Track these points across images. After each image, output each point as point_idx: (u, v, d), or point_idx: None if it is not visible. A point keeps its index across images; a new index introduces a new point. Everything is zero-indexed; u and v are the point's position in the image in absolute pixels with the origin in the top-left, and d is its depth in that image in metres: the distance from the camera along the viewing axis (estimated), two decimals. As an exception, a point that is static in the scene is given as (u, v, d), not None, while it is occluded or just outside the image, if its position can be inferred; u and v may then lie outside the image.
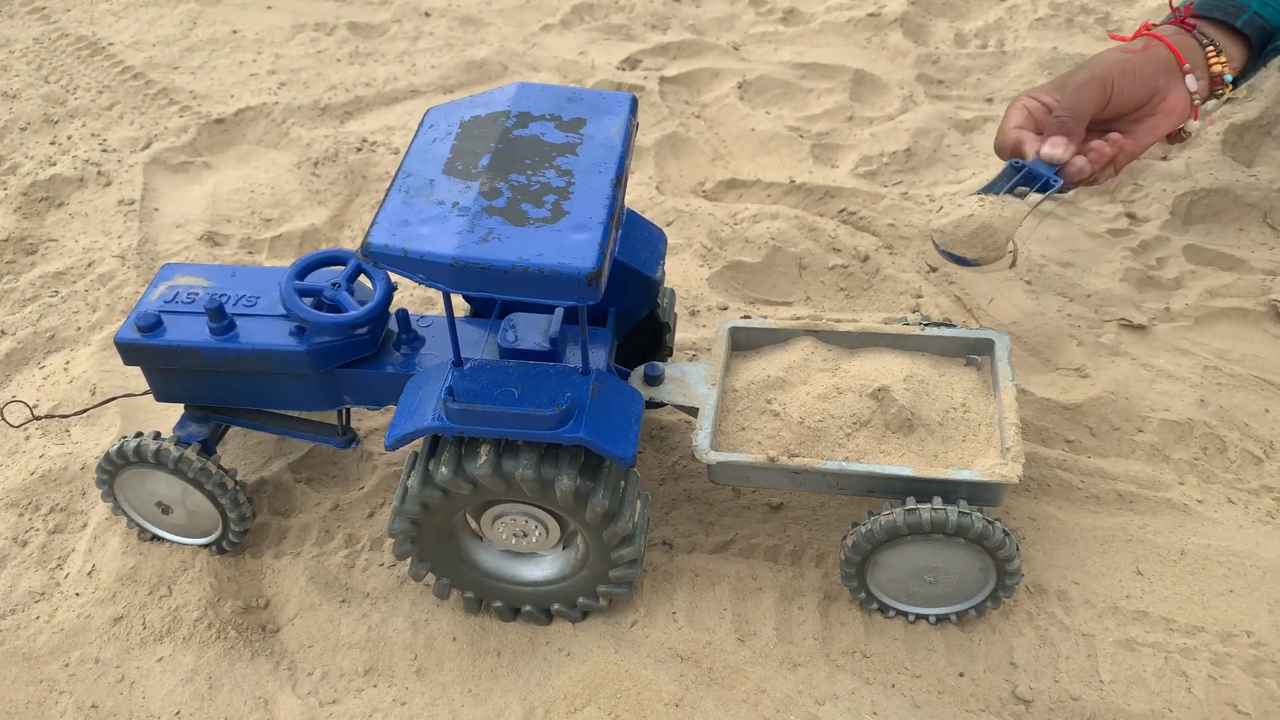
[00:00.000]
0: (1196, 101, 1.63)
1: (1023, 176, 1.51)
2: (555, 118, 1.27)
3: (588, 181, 1.18)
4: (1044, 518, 1.50)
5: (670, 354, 1.60)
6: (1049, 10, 2.70)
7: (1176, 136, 1.70)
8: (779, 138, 2.33)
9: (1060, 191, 1.51)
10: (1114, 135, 1.56)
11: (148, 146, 2.39)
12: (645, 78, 2.56)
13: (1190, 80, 1.61)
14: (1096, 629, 1.38)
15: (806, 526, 1.51)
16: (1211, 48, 1.64)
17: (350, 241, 2.12)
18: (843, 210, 2.11)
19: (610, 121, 1.28)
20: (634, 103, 1.32)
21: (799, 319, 1.84)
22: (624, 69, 2.62)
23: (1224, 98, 1.69)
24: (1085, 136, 1.55)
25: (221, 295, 1.42)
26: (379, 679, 1.38)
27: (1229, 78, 1.65)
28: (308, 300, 1.37)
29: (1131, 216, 2.06)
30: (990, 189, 1.52)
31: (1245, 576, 1.43)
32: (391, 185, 1.19)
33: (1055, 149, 1.50)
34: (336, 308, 1.37)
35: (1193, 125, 1.67)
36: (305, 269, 1.40)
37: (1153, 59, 1.60)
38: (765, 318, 1.85)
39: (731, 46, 2.70)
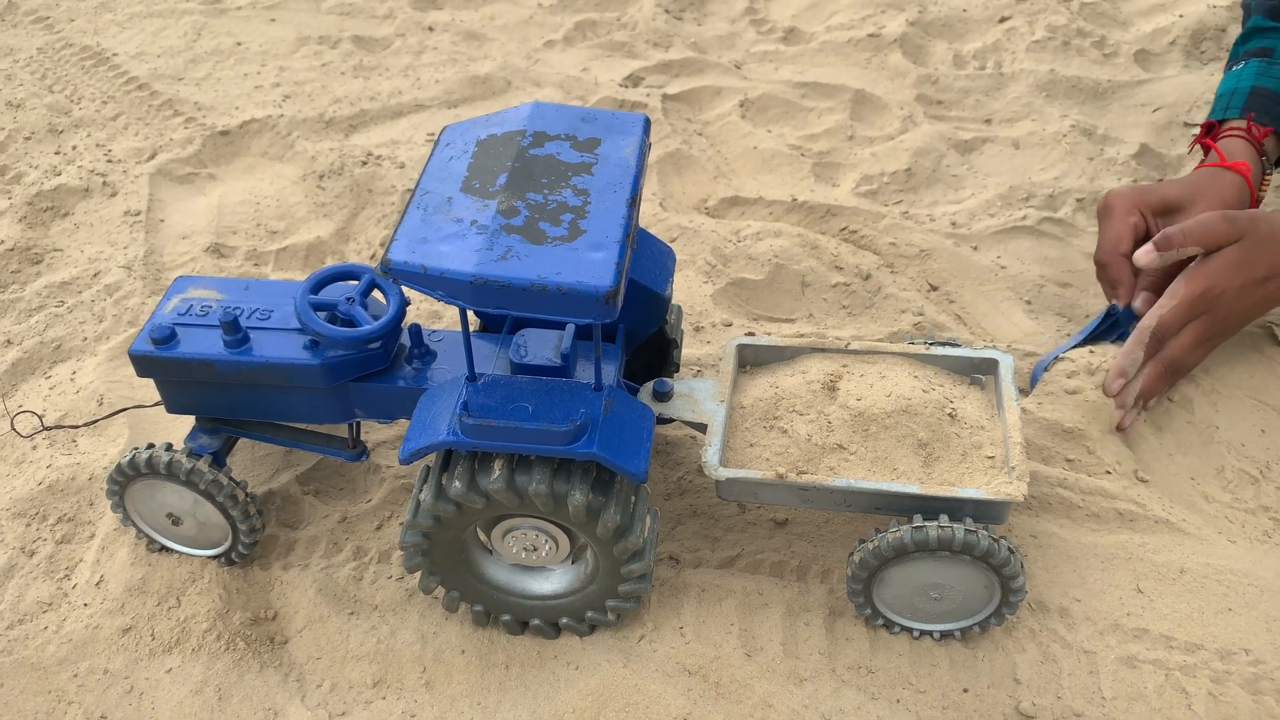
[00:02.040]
0: None
1: (1107, 319, 1.71)
2: (570, 137, 1.29)
3: (603, 201, 1.20)
4: (1045, 535, 1.53)
5: (677, 370, 1.62)
6: (1046, 33, 2.74)
7: None
8: (780, 156, 2.36)
9: None
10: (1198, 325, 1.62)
11: (153, 157, 2.40)
12: (648, 95, 2.58)
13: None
14: (1098, 646, 1.40)
15: (812, 542, 1.53)
16: (1270, 174, 1.77)
17: (356, 254, 2.13)
18: (844, 229, 2.14)
19: (625, 142, 1.30)
20: (648, 123, 1.34)
21: (803, 336, 1.86)
22: (626, 86, 2.65)
23: None
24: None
25: (236, 308, 1.44)
26: (388, 691, 1.39)
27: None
28: (322, 314, 1.38)
29: (1129, 238, 2.09)
30: (1090, 340, 1.72)
31: (1243, 595, 1.45)
32: (409, 202, 1.20)
33: (1143, 305, 1.64)
34: (350, 322, 1.38)
35: None
36: (320, 283, 1.41)
37: (1238, 194, 1.71)
38: (770, 335, 1.87)
39: (733, 65, 2.73)
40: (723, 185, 2.31)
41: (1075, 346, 1.71)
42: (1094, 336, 1.73)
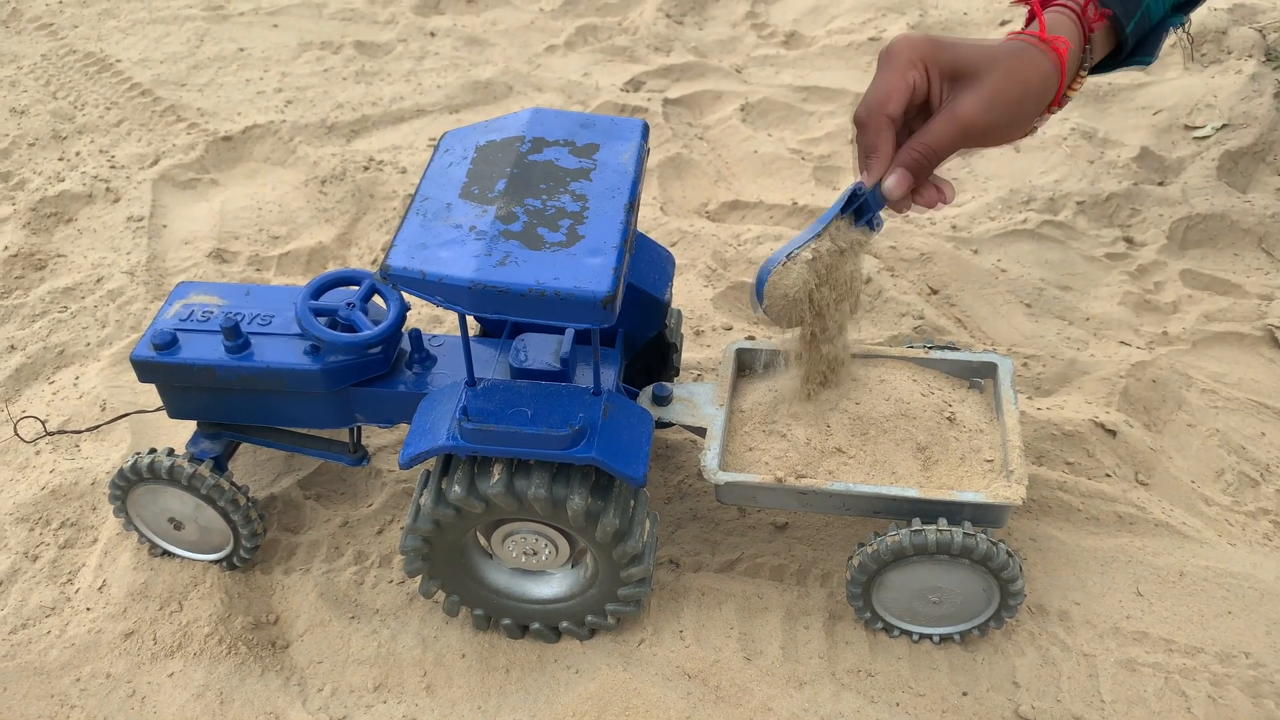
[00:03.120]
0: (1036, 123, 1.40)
1: (850, 200, 1.34)
2: (569, 143, 1.30)
3: (601, 206, 1.21)
4: (1045, 539, 1.53)
5: (677, 374, 1.63)
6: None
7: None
8: (781, 160, 2.36)
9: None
10: (950, 190, 1.35)
11: (156, 163, 2.41)
12: (649, 99, 2.59)
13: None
14: (1097, 649, 1.40)
15: (811, 546, 1.53)
16: (1084, 72, 1.40)
17: (357, 260, 2.14)
18: (845, 232, 2.14)
19: (623, 147, 1.30)
20: (646, 129, 1.34)
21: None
22: (627, 90, 2.66)
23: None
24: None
25: (236, 314, 1.44)
26: (389, 695, 1.39)
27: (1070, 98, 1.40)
28: (323, 319, 1.39)
29: (1129, 241, 2.09)
30: (830, 215, 1.34)
31: (1243, 598, 1.45)
32: (409, 208, 1.21)
33: (898, 189, 1.30)
34: (351, 327, 1.39)
35: (1040, 123, 1.41)
36: (320, 289, 1.42)
37: (1040, 95, 1.34)
38: (770, 338, 1.87)
39: (734, 69, 2.74)
40: (723, 189, 2.31)
41: (814, 237, 1.34)
42: (836, 222, 1.35)
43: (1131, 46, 1.45)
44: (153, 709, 1.38)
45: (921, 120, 1.32)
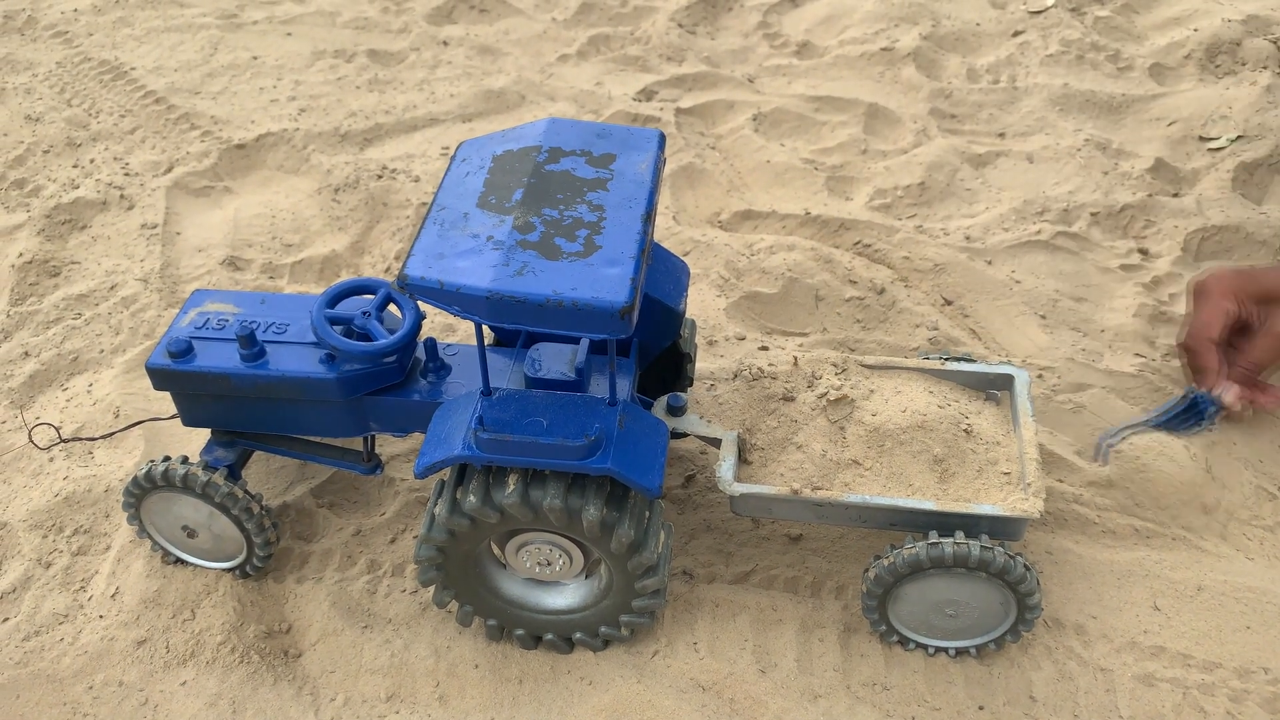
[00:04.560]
0: None
1: (1190, 406, 1.65)
2: (586, 153, 1.29)
3: (618, 216, 1.20)
4: (1061, 552, 1.52)
5: (691, 384, 1.62)
6: (1060, 47, 2.74)
7: None
8: (794, 170, 2.36)
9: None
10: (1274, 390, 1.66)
11: (169, 170, 2.42)
12: (661, 109, 2.59)
13: None
14: (1115, 664, 1.39)
15: (826, 558, 1.53)
16: None
17: (370, 268, 2.14)
18: (858, 242, 2.14)
19: (640, 157, 1.30)
20: (662, 139, 1.34)
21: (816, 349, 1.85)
22: (640, 100, 2.66)
23: None
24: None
25: (252, 322, 1.44)
26: (401, 705, 1.39)
27: None
28: (338, 328, 1.39)
29: (1144, 253, 2.08)
30: (1167, 423, 1.66)
31: (1262, 613, 1.44)
32: (426, 217, 1.21)
33: (1232, 399, 1.62)
34: (366, 336, 1.39)
35: None
36: (336, 297, 1.42)
37: None
38: (783, 349, 1.87)
39: (746, 79, 2.74)
40: (736, 199, 2.31)
41: (1151, 427, 1.66)
42: (1172, 420, 1.66)
43: None
44: (165, 717, 1.38)
45: (1240, 339, 1.68)
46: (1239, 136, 2.34)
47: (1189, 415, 1.66)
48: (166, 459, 1.44)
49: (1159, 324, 1.92)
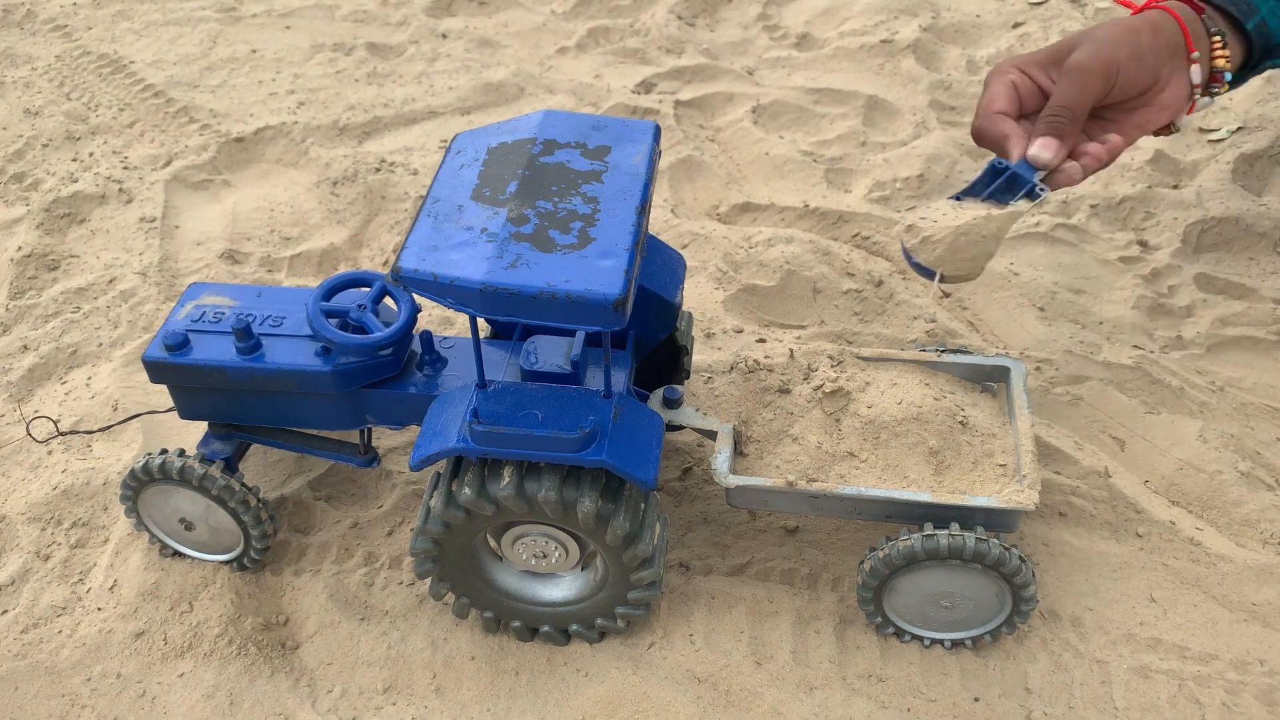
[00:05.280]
0: (1195, 96, 1.44)
1: (1005, 181, 1.34)
2: (581, 145, 1.29)
3: (613, 208, 1.20)
4: (1058, 544, 1.52)
5: (688, 376, 1.62)
6: (1059, 38, 2.72)
7: (1165, 130, 1.49)
8: (793, 162, 2.36)
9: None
10: (1113, 139, 1.38)
11: (168, 164, 2.42)
12: (660, 101, 2.58)
13: (1194, 71, 1.41)
14: (1110, 656, 1.39)
15: (822, 550, 1.53)
16: (1219, 38, 1.42)
17: (369, 261, 2.14)
18: (856, 235, 2.13)
19: (634, 149, 1.30)
20: (657, 131, 1.34)
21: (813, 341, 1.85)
22: (639, 92, 2.65)
23: (1218, 95, 1.48)
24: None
25: (248, 315, 1.44)
26: (398, 697, 1.39)
27: (1229, 75, 1.45)
28: (334, 321, 1.39)
29: (1143, 244, 2.08)
30: (968, 193, 1.36)
31: (1258, 606, 1.43)
32: (420, 210, 1.21)
33: (1045, 152, 1.32)
34: (362, 329, 1.39)
35: (1185, 120, 1.47)
36: (331, 290, 1.42)
37: (1161, 42, 1.37)
38: (780, 341, 1.87)
39: (745, 71, 2.73)
40: (734, 191, 2.31)
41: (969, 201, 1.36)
42: (992, 195, 1.35)
43: (1262, 51, 1.49)
44: (163, 709, 1.38)
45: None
46: (1239, 128, 2.33)
47: (1009, 187, 1.34)
48: (164, 452, 1.44)
49: (1158, 316, 1.91)
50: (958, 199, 1.36)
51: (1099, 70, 1.34)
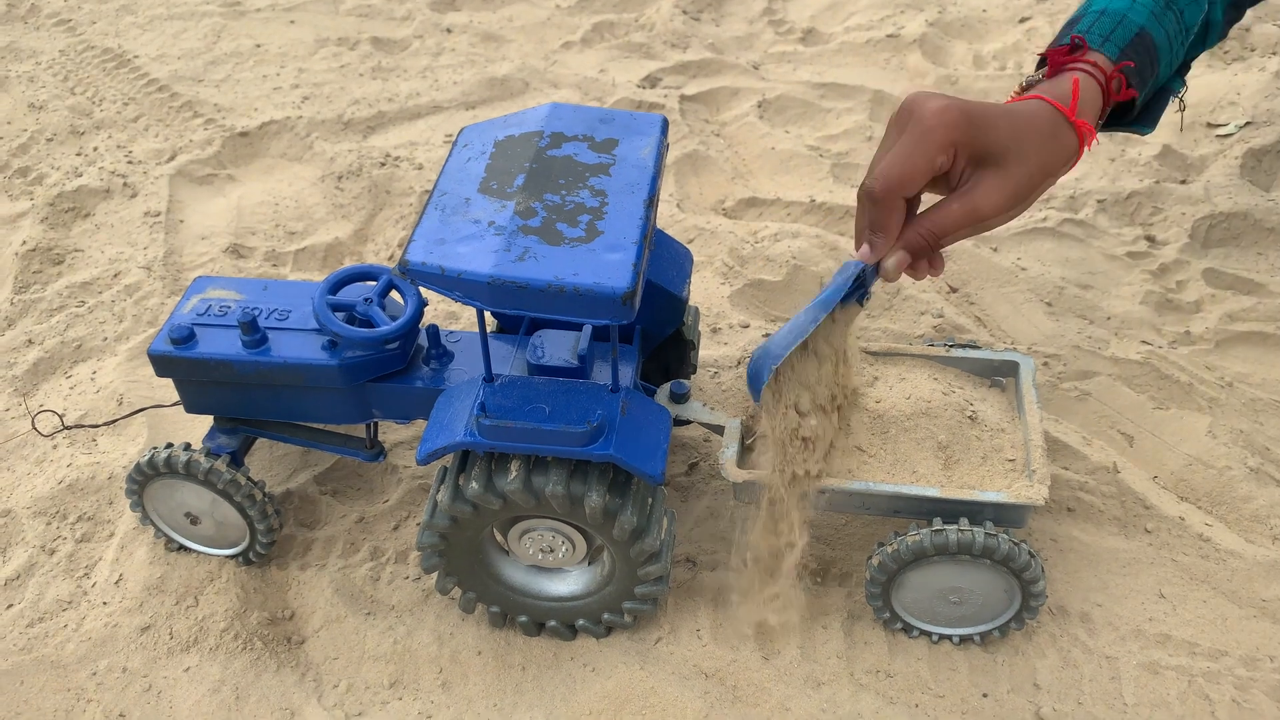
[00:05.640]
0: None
1: (856, 285, 1.26)
2: (588, 138, 1.29)
3: (621, 202, 1.20)
4: (1066, 539, 1.51)
5: (694, 371, 1.62)
6: (1067, 33, 2.72)
7: None
8: (799, 157, 2.35)
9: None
10: (939, 261, 1.28)
11: (173, 159, 2.41)
12: (665, 96, 2.58)
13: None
14: (1120, 652, 1.38)
15: (830, 545, 1.52)
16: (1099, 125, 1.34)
17: (374, 256, 2.14)
18: (863, 230, 2.12)
19: (642, 142, 1.29)
20: (665, 124, 1.33)
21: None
22: (644, 87, 2.65)
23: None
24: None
25: (254, 309, 1.44)
26: (404, 692, 1.39)
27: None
28: (340, 315, 1.38)
29: (1151, 240, 2.07)
30: (827, 306, 1.24)
31: (1269, 602, 1.43)
32: (427, 203, 1.20)
33: (890, 263, 1.24)
34: (368, 322, 1.38)
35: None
36: (338, 284, 1.42)
37: (1064, 164, 1.27)
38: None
39: (751, 65, 2.73)
40: (740, 186, 2.30)
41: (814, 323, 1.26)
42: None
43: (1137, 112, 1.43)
44: (169, 703, 1.38)
45: (933, 188, 1.26)
46: (1247, 123, 2.32)
47: (853, 291, 1.26)
48: (169, 446, 1.44)
49: (1166, 311, 1.91)
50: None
51: (992, 223, 1.23)
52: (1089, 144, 1.28)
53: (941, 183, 1.26)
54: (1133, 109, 1.42)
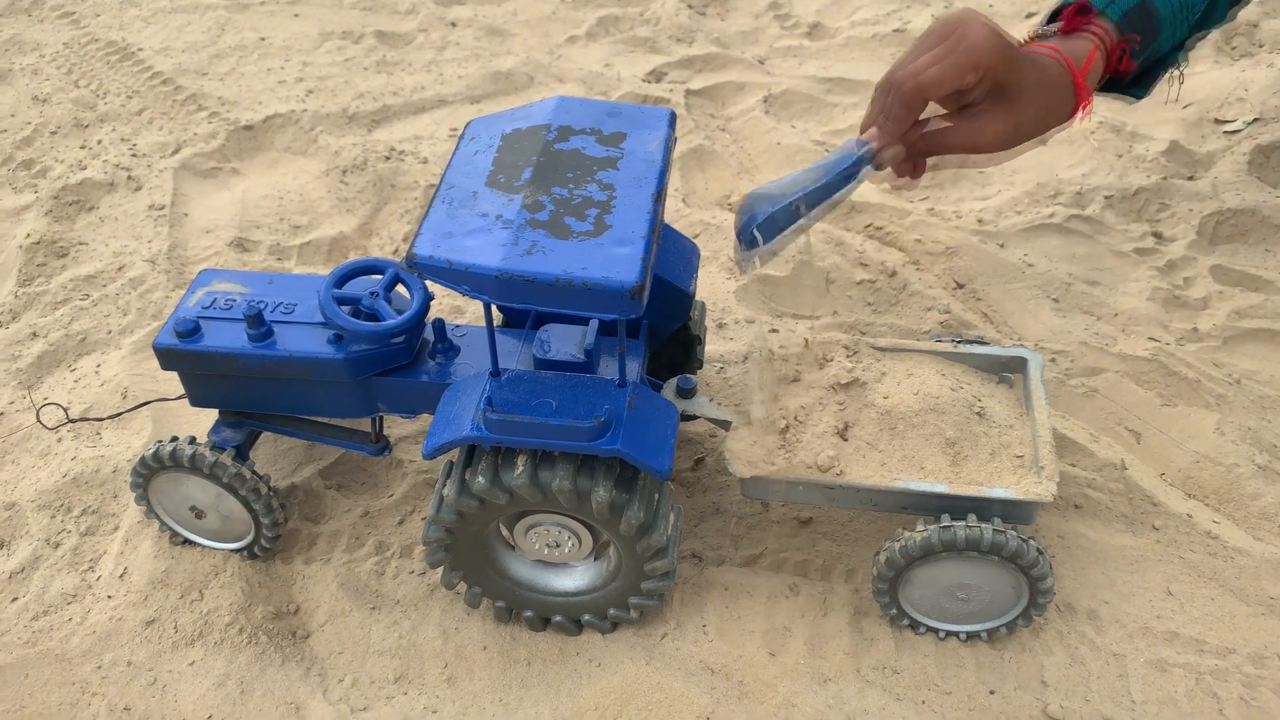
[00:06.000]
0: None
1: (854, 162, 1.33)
2: (596, 132, 1.28)
3: (629, 195, 1.19)
4: (1073, 536, 1.51)
5: (700, 366, 1.61)
6: (1074, 28, 2.70)
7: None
8: (804, 152, 2.34)
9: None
10: (923, 165, 1.39)
11: (177, 152, 2.41)
12: (670, 90, 2.57)
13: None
14: (1127, 649, 1.38)
15: (836, 541, 1.52)
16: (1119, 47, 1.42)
17: (378, 250, 2.13)
18: (869, 225, 2.12)
19: (650, 136, 1.29)
20: (673, 118, 1.33)
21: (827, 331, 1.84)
22: (649, 81, 2.64)
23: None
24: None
25: (259, 302, 1.43)
26: (409, 686, 1.39)
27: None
28: (346, 308, 1.38)
29: (1158, 236, 2.06)
30: (828, 178, 1.33)
31: (1277, 599, 1.42)
32: (434, 196, 1.20)
33: (893, 162, 1.35)
34: (374, 316, 1.38)
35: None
36: (343, 277, 1.41)
37: (1059, 120, 1.38)
38: (794, 332, 1.85)
39: (756, 60, 2.72)
40: (746, 181, 2.29)
41: (818, 199, 1.33)
42: (835, 183, 1.33)
43: (1132, 77, 1.52)
44: (173, 697, 1.38)
45: (942, 101, 1.35)
46: (1255, 119, 2.31)
47: (848, 170, 1.34)
48: (174, 439, 1.44)
49: (1174, 308, 1.90)
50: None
51: (986, 153, 1.36)
52: (1086, 109, 1.38)
53: (951, 100, 1.35)
54: (1126, 76, 1.50)
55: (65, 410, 1.66)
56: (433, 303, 1.92)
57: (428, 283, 1.44)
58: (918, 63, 1.30)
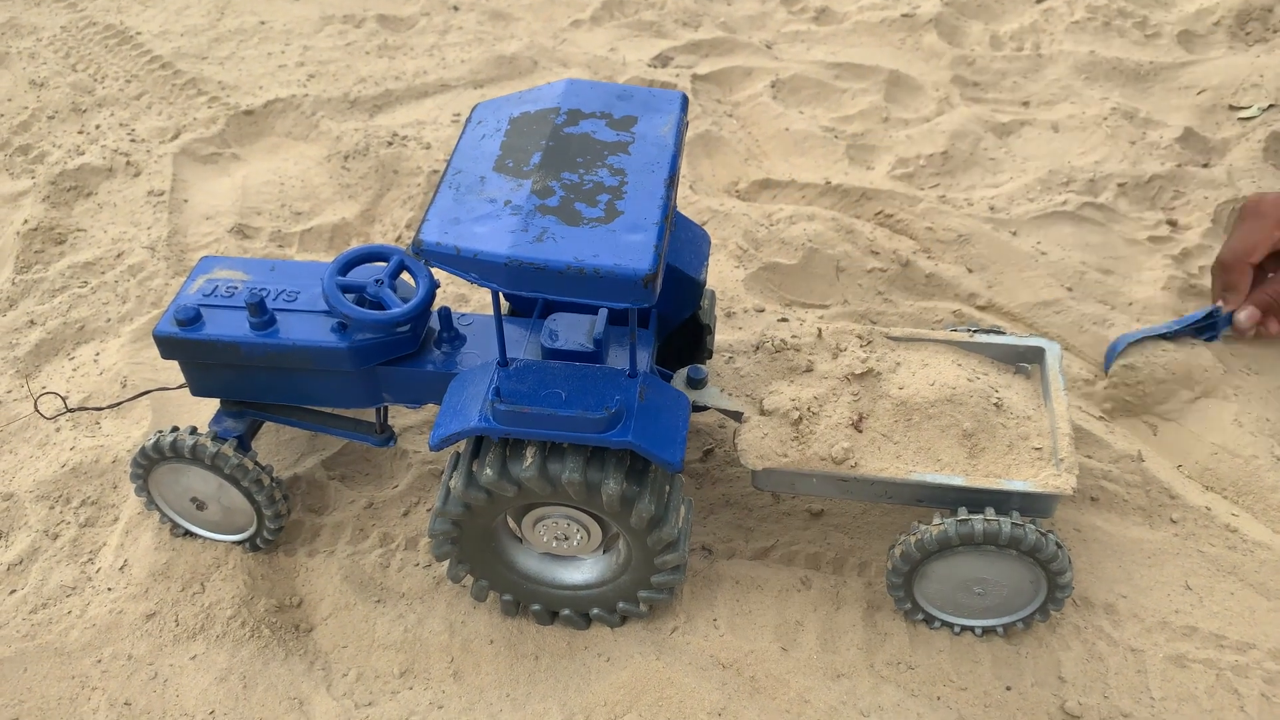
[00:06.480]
0: None
1: (1206, 319, 1.67)
2: (606, 115, 1.25)
3: (641, 181, 1.16)
4: (1090, 529, 1.48)
5: (710, 356, 1.58)
6: (1085, 13, 2.67)
7: None
8: (813, 138, 2.31)
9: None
10: None
11: (176, 137, 2.37)
12: (677, 75, 2.53)
13: None
14: (1145, 644, 1.36)
15: (848, 534, 1.49)
16: None
17: (381, 236, 2.10)
18: (880, 212, 2.09)
19: (661, 120, 1.26)
20: (685, 101, 1.29)
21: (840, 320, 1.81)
22: (655, 66, 2.60)
23: None
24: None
25: (262, 290, 1.41)
26: (415, 681, 1.36)
27: None
28: (350, 296, 1.35)
29: (1173, 224, 2.03)
30: (1178, 331, 1.67)
31: (1297, 593, 1.40)
32: (441, 181, 1.17)
33: (1242, 316, 1.64)
34: (379, 304, 1.35)
35: None
36: (347, 265, 1.38)
37: None
38: (803, 321, 1.82)
39: (764, 45, 2.68)
40: (754, 168, 2.26)
41: (1164, 335, 1.67)
42: (1188, 330, 1.68)
43: None
44: (175, 692, 1.35)
45: (1272, 263, 1.69)
46: (1270, 105, 2.28)
47: (1203, 328, 1.68)
48: (175, 429, 1.41)
49: (1188, 297, 1.87)
50: (1169, 333, 1.66)
51: None
52: None
53: (1274, 260, 1.68)
54: None
55: (64, 399, 1.63)
56: (438, 291, 1.89)
57: (434, 270, 1.41)
58: (1231, 240, 1.68)
